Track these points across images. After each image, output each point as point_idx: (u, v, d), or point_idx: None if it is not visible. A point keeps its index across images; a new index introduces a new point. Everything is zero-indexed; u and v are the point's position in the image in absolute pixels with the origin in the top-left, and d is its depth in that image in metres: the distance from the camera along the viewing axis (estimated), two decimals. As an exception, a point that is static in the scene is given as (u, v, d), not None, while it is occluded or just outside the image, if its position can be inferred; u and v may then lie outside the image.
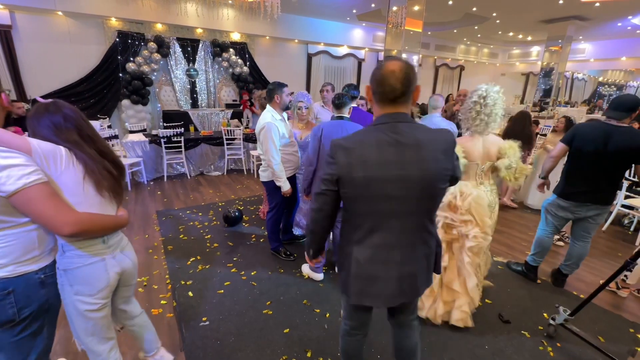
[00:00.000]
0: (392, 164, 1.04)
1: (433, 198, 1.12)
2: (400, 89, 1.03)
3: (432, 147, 1.06)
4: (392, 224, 1.11)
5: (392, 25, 6.99)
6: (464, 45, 12.99)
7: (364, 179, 1.06)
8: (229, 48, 7.86)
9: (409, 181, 1.05)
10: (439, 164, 1.06)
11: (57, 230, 1.06)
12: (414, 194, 1.07)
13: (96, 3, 6.22)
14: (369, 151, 1.05)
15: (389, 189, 1.06)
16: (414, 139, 1.05)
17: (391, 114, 1.08)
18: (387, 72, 1.03)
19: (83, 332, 1.29)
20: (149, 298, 2.44)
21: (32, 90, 6.21)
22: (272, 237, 3.02)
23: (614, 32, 10.11)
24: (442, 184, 1.10)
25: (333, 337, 2.08)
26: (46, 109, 1.16)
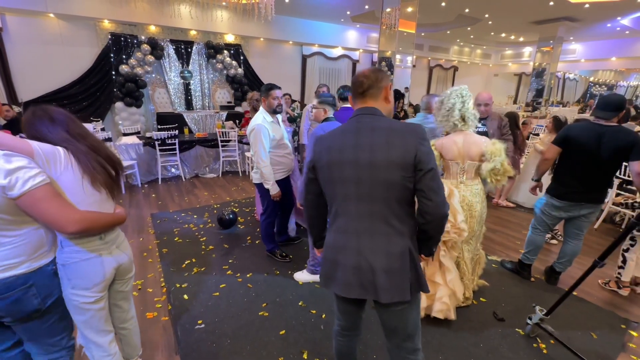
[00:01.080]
0: (348, 148, 1.14)
1: (387, 186, 1.10)
2: (366, 83, 1.17)
3: (388, 133, 1.10)
4: (349, 207, 1.17)
5: (386, 26, 7.03)
6: (458, 46, 13.10)
7: (327, 163, 1.18)
8: (223, 50, 7.85)
9: (359, 165, 1.11)
10: (393, 150, 1.08)
11: (62, 229, 1.11)
12: (366, 178, 1.11)
13: (88, 5, 6.17)
14: (335, 139, 1.18)
15: (345, 172, 1.14)
16: (370, 125, 1.14)
17: (360, 108, 1.21)
18: (358, 73, 1.23)
19: (82, 325, 1.33)
20: (144, 301, 2.42)
21: (23, 94, 6.14)
22: (266, 239, 3.01)
23: (603, 33, 10.28)
24: (399, 172, 1.08)
25: (329, 338, 2.08)
26: (33, 114, 1.21)
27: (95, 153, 1.26)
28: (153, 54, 6.96)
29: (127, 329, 1.60)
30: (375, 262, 1.14)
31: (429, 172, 1.08)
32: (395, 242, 1.15)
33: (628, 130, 2.19)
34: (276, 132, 2.67)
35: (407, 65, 7.48)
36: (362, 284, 1.16)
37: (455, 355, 1.95)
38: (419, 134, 1.10)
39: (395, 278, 1.14)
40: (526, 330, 2.11)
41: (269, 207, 2.85)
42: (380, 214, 1.13)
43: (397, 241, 1.15)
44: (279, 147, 2.71)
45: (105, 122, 6.97)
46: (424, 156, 1.08)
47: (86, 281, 1.27)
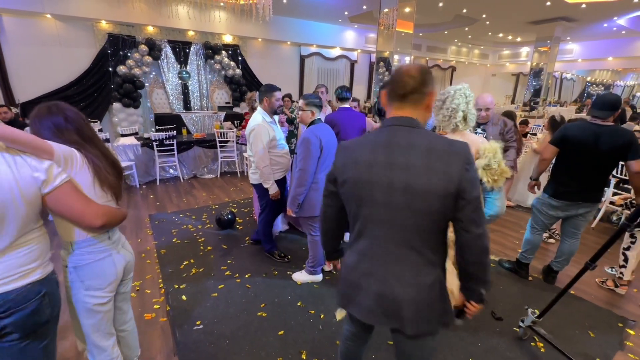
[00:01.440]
0: (379, 166, 0.98)
1: (423, 214, 0.96)
2: (410, 84, 0.98)
3: (428, 154, 0.94)
4: (376, 232, 1.04)
5: (384, 26, 7.04)
6: (455, 47, 13.13)
7: (353, 180, 1.03)
8: (221, 50, 7.84)
9: (393, 188, 0.96)
10: (434, 176, 0.92)
11: (90, 222, 1.14)
12: (398, 203, 0.97)
13: (85, 6, 6.15)
14: (363, 152, 1.02)
15: (375, 194, 1.00)
16: (407, 141, 0.96)
17: (396, 117, 1.02)
18: (402, 70, 1.01)
19: (90, 328, 1.34)
20: (142, 303, 2.42)
21: (20, 95, 6.11)
22: (265, 239, 3.01)
23: (600, 33, 10.32)
24: (438, 202, 0.94)
25: (328, 338, 2.08)
26: (48, 110, 1.21)
27: (105, 157, 1.29)
28: (151, 55, 6.95)
29: (126, 331, 1.60)
30: (402, 293, 1.02)
31: (472, 202, 0.94)
32: (426, 272, 1.03)
33: (624, 130, 2.21)
34: (275, 132, 2.68)
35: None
36: (386, 313, 1.06)
37: (454, 354, 1.96)
38: (465, 157, 0.94)
39: (423, 310, 1.03)
40: (519, 334, 2.10)
41: (267, 207, 2.85)
42: (411, 241, 1.01)
43: (428, 271, 1.03)
44: (276, 147, 2.71)
45: (103, 123, 6.95)
46: (468, 184, 0.93)
47: (100, 281, 1.30)
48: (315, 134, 2.28)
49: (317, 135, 2.28)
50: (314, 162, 2.29)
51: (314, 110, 2.37)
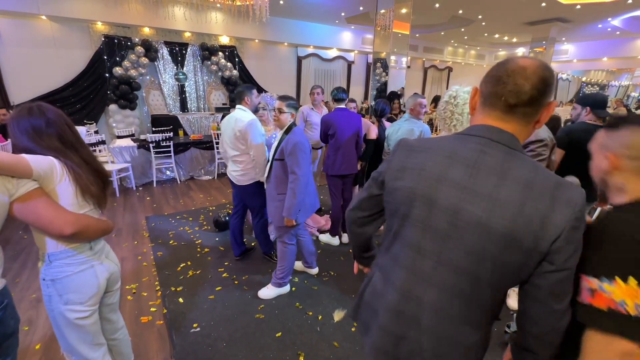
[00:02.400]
0: (452, 184, 0.74)
1: (492, 265, 0.71)
2: (528, 92, 0.69)
3: (526, 190, 0.68)
4: (419, 264, 0.81)
5: (381, 27, 7.06)
6: (452, 47, 13.19)
7: (409, 190, 0.79)
8: (218, 51, 7.82)
9: (461, 217, 0.73)
10: (526, 220, 0.67)
11: (59, 230, 1.09)
12: (464, 241, 0.73)
13: (81, 7, 6.12)
14: (434, 159, 0.78)
15: (432, 217, 0.76)
16: (502, 166, 0.71)
17: (493, 128, 0.74)
18: (515, 66, 0.71)
19: (75, 341, 1.28)
20: (139, 305, 2.40)
21: (15, 96, 6.06)
22: (262, 241, 3.00)
23: (595, 34, 10.41)
24: (519, 255, 0.69)
25: (325, 340, 2.08)
26: (29, 111, 1.14)
27: (87, 165, 1.23)
28: (147, 56, 6.92)
29: (117, 339, 1.56)
30: (430, 345, 0.81)
31: (563, 273, 0.68)
32: (466, 331, 0.79)
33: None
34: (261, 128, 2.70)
35: (402, 66, 7.51)
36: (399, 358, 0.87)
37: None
38: (579, 208, 0.67)
39: None
40: (505, 338, 2.08)
41: (262, 208, 2.83)
42: (462, 292, 0.77)
43: (470, 332, 0.80)
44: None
45: (99, 124, 6.91)
46: (569, 248, 0.67)
47: (81, 295, 1.23)
48: (302, 135, 2.25)
49: (305, 137, 2.26)
50: (308, 165, 2.25)
51: (293, 113, 2.29)
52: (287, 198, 2.24)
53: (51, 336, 2.05)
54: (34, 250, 3.13)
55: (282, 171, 2.27)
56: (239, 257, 3.03)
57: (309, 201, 2.39)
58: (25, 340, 2.02)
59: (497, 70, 0.74)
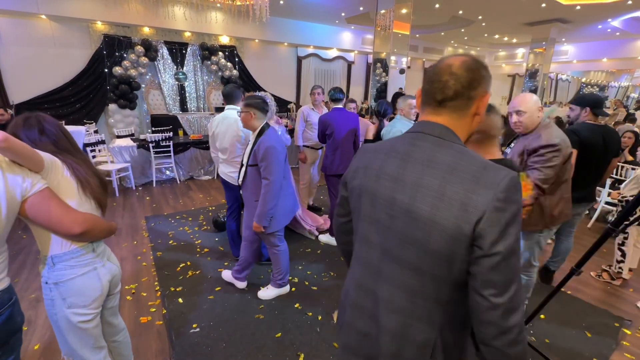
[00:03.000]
0: (387, 177, 0.78)
1: (422, 251, 0.71)
2: (452, 87, 0.72)
3: (446, 174, 0.69)
4: (370, 257, 0.84)
5: (381, 28, 7.06)
6: (452, 48, 13.19)
7: (359, 188, 0.86)
8: (218, 51, 7.82)
9: (394, 207, 0.76)
10: (444, 204, 0.67)
11: (68, 229, 1.11)
12: (396, 228, 0.75)
13: (81, 7, 6.11)
14: (377, 157, 0.83)
15: (375, 209, 0.81)
16: (429, 155, 0.73)
17: (425, 122, 0.78)
18: (442, 65, 0.75)
19: (77, 345, 1.27)
20: (138, 306, 2.39)
21: (15, 96, 6.06)
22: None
23: (595, 35, 10.42)
24: (445, 242, 0.67)
25: (325, 340, 2.07)
26: (24, 122, 1.17)
27: (84, 164, 1.25)
28: (147, 56, 6.92)
29: (118, 342, 1.56)
30: (387, 340, 0.80)
31: (494, 257, 0.64)
32: (417, 329, 0.77)
33: (614, 129, 2.34)
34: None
35: (402, 67, 7.51)
36: (365, 356, 0.88)
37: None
38: (502, 189, 0.64)
39: None
40: None
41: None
42: (406, 283, 0.76)
43: (421, 329, 0.76)
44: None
45: (99, 124, 6.91)
46: (493, 229, 0.64)
47: (84, 298, 1.22)
48: (276, 140, 2.12)
49: (278, 142, 2.13)
50: (281, 171, 2.13)
51: (253, 112, 2.12)
52: (259, 204, 2.15)
53: (50, 337, 2.05)
54: (33, 250, 3.12)
55: (258, 176, 2.16)
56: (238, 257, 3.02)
57: (285, 204, 2.28)
58: (25, 341, 2.02)
59: (431, 70, 0.79)
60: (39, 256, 2.97)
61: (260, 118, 2.15)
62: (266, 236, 2.33)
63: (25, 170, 1.05)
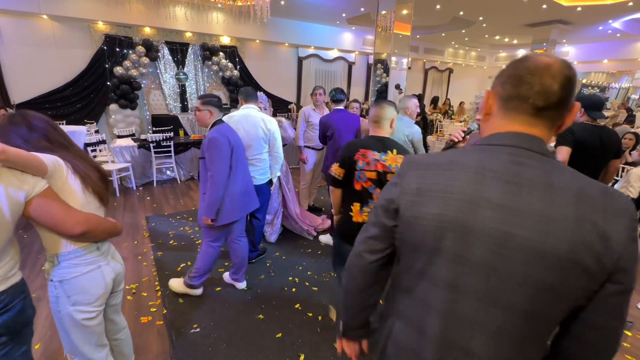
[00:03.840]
0: (491, 207, 0.61)
1: (550, 295, 0.60)
2: (557, 93, 0.61)
3: (578, 202, 0.58)
4: (465, 309, 0.65)
5: (381, 28, 7.06)
6: (452, 49, 13.19)
7: (438, 222, 0.65)
8: (219, 52, 7.83)
9: (509, 245, 0.60)
10: (584, 238, 0.57)
11: (69, 230, 1.12)
12: (513, 271, 0.60)
13: (82, 7, 6.12)
14: (461, 178, 0.64)
15: (473, 249, 0.62)
16: (543, 178, 0.60)
17: (521, 135, 0.64)
18: (539, 64, 0.62)
19: (80, 342, 1.28)
20: (138, 306, 2.40)
21: (16, 96, 6.07)
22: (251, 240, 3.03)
23: (596, 36, 10.41)
24: (581, 278, 0.58)
25: (326, 341, 2.07)
26: (10, 121, 1.16)
27: (82, 159, 1.25)
28: (148, 56, 6.92)
29: (119, 339, 1.57)
30: None
31: (626, 293, 0.59)
32: None
33: (613, 130, 2.34)
34: None
35: (403, 67, 7.51)
36: None
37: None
38: (631, 216, 0.59)
39: None
40: None
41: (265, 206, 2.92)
42: (516, 334, 0.63)
43: None
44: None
45: (100, 124, 6.91)
46: (631, 262, 0.58)
47: (89, 295, 1.24)
48: (221, 132, 2.12)
49: (223, 134, 2.12)
50: (226, 162, 2.12)
51: (212, 110, 2.18)
52: (206, 197, 2.16)
53: (51, 336, 2.05)
54: (34, 250, 3.12)
55: (205, 169, 2.19)
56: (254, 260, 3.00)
57: (235, 198, 2.24)
58: (25, 340, 2.02)
59: (516, 68, 0.65)
60: (40, 256, 2.99)
61: (217, 116, 2.22)
62: (212, 229, 2.29)
63: (27, 175, 1.05)
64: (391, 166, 1.65)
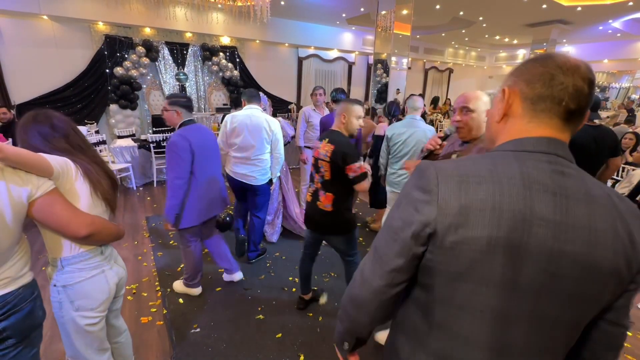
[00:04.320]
0: (544, 224, 0.55)
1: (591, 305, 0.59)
2: (587, 96, 0.58)
3: (612, 213, 0.57)
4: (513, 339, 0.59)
5: (381, 28, 7.07)
6: (452, 49, 13.20)
7: (487, 245, 0.56)
8: (219, 52, 7.83)
9: (560, 263, 0.55)
10: (620, 245, 0.55)
11: (75, 232, 1.10)
12: (563, 292, 0.56)
13: (82, 7, 6.12)
14: (508, 191, 0.56)
15: (525, 272, 0.56)
16: (582, 189, 0.57)
17: (555, 140, 0.60)
18: (569, 63, 0.58)
19: (83, 347, 1.28)
20: (139, 306, 2.40)
21: (17, 96, 6.07)
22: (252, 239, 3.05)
23: (596, 36, 10.42)
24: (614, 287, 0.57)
25: (325, 341, 2.07)
26: (34, 118, 1.17)
27: (96, 165, 1.25)
28: (148, 56, 6.92)
29: (120, 342, 1.56)
30: None
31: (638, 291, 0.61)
32: None
33: (610, 129, 2.35)
34: None
35: (403, 68, 7.52)
36: None
37: None
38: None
39: None
40: None
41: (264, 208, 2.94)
42: (554, 346, 0.61)
43: None
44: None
45: (100, 124, 6.91)
46: None
47: (92, 301, 1.23)
48: (183, 135, 2.09)
49: (185, 137, 2.08)
50: (183, 168, 2.08)
51: (179, 110, 2.14)
52: (167, 200, 2.14)
53: (51, 337, 2.05)
54: (34, 250, 3.12)
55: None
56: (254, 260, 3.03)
57: (195, 202, 2.20)
58: (25, 341, 2.02)
59: (546, 66, 0.59)
60: (40, 256, 2.99)
61: (185, 116, 2.19)
62: (183, 234, 2.30)
63: (31, 175, 1.03)
64: (321, 153, 1.90)
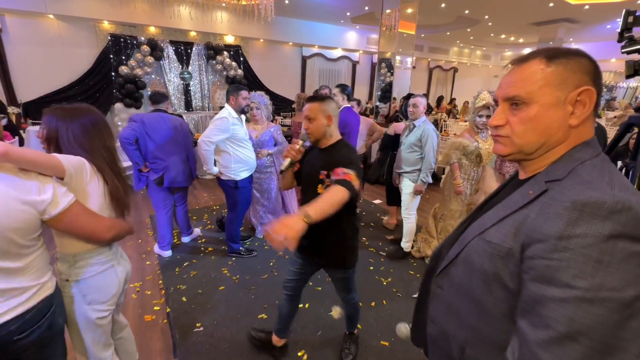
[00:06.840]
0: None
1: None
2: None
3: None
4: None
5: (386, 27, 7.04)
6: (457, 48, 13.11)
7: None
8: (223, 51, 7.84)
9: None
10: None
11: (100, 237, 1.16)
12: None
13: (88, 6, 6.16)
14: None
15: None
16: None
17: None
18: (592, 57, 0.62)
19: (91, 342, 1.30)
20: (142, 304, 2.41)
21: (22, 95, 6.13)
22: (235, 240, 3.07)
23: (603, 35, 10.29)
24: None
25: (328, 340, 2.07)
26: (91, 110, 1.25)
27: (117, 174, 1.28)
28: (153, 55, 6.95)
29: (122, 338, 1.58)
30: None
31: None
32: None
33: (601, 126, 2.47)
34: (239, 130, 2.76)
35: (407, 67, 7.48)
36: None
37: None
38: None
39: None
40: None
41: (237, 206, 2.92)
42: None
43: None
44: (242, 146, 2.81)
45: (105, 123, 6.96)
46: None
47: (103, 294, 1.27)
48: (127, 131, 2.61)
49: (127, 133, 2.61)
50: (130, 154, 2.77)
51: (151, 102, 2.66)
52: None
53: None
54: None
55: None
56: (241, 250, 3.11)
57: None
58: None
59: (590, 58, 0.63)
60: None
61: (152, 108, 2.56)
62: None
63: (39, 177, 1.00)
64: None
